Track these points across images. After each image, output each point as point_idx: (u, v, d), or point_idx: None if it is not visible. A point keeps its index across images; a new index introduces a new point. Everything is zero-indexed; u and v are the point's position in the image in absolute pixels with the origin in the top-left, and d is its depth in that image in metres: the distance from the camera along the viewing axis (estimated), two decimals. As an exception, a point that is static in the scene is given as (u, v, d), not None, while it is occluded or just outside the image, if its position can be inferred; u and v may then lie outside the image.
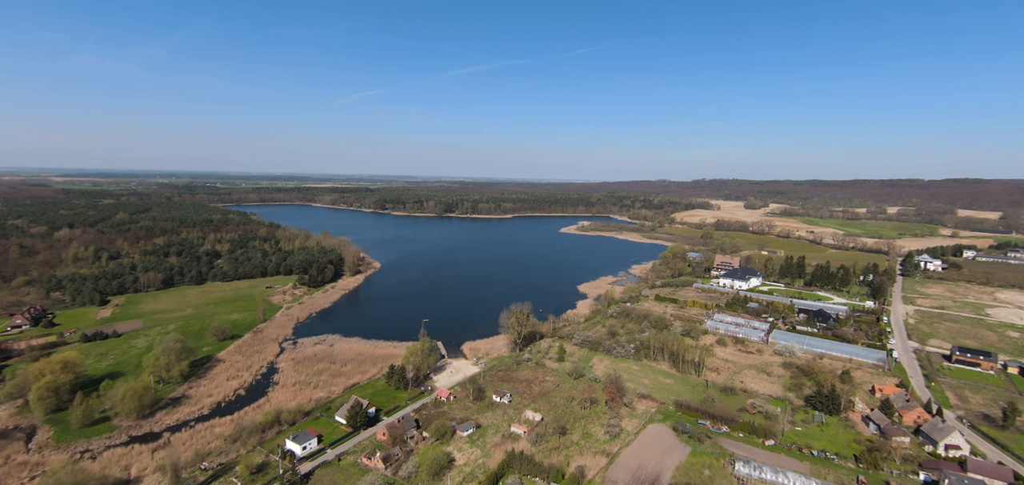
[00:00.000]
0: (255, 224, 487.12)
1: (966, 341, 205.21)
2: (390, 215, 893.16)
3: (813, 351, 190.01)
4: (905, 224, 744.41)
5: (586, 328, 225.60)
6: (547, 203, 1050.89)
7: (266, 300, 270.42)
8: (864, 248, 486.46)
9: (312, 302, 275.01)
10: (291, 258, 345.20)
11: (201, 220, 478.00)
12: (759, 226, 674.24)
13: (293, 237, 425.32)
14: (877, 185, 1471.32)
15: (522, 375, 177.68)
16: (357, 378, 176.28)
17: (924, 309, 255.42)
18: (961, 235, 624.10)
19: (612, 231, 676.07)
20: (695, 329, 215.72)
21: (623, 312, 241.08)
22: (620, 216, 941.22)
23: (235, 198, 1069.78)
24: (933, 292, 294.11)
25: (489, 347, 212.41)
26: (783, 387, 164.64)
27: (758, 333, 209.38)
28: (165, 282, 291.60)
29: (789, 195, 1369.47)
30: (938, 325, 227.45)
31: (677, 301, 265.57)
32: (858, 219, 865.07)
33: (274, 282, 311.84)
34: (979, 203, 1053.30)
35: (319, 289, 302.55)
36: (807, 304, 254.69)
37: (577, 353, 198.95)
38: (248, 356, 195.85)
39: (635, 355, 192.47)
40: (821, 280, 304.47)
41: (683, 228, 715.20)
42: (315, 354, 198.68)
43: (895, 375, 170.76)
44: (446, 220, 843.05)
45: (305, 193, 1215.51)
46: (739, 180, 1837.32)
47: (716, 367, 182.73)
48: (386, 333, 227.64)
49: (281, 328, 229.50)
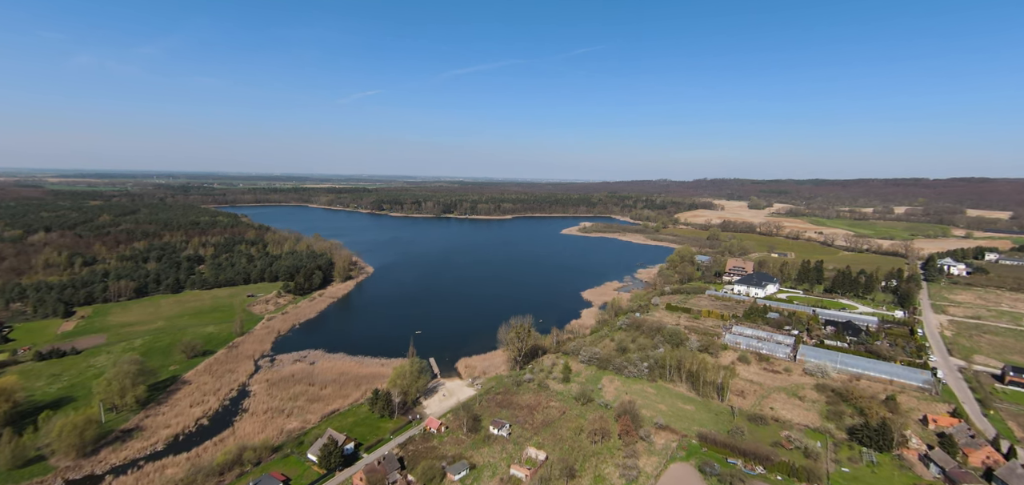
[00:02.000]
0: (244, 227, 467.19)
1: (1014, 358, 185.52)
2: (387, 216, 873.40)
3: (848, 371, 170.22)
4: (916, 225, 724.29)
5: (593, 342, 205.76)
6: (547, 203, 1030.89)
7: (246, 310, 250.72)
8: (879, 251, 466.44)
9: (296, 312, 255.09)
10: (278, 263, 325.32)
11: (187, 223, 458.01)
12: (766, 227, 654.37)
13: (282, 240, 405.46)
14: (881, 184, 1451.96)
15: (523, 399, 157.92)
16: (337, 404, 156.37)
17: (958, 319, 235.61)
18: (975, 236, 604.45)
19: (615, 232, 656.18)
20: (713, 344, 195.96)
21: (633, 324, 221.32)
22: (622, 217, 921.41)
23: (230, 199, 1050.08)
24: (963, 299, 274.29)
25: (486, 364, 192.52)
26: (820, 415, 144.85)
27: (783, 349, 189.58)
28: (138, 291, 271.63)
29: (792, 195, 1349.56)
30: (979, 339, 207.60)
31: (690, 310, 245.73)
32: (866, 219, 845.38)
33: (257, 290, 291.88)
34: (987, 202, 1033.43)
35: (305, 297, 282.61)
36: (833, 314, 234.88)
37: (584, 372, 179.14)
38: (218, 377, 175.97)
39: (648, 375, 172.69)
40: (843, 286, 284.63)
41: (687, 229, 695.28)
42: (293, 374, 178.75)
43: (944, 400, 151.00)
44: (444, 221, 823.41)
45: (302, 194, 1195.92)
46: (741, 179, 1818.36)
47: (740, 389, 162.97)
48: (374, 347, 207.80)
49: (259, 343, 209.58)
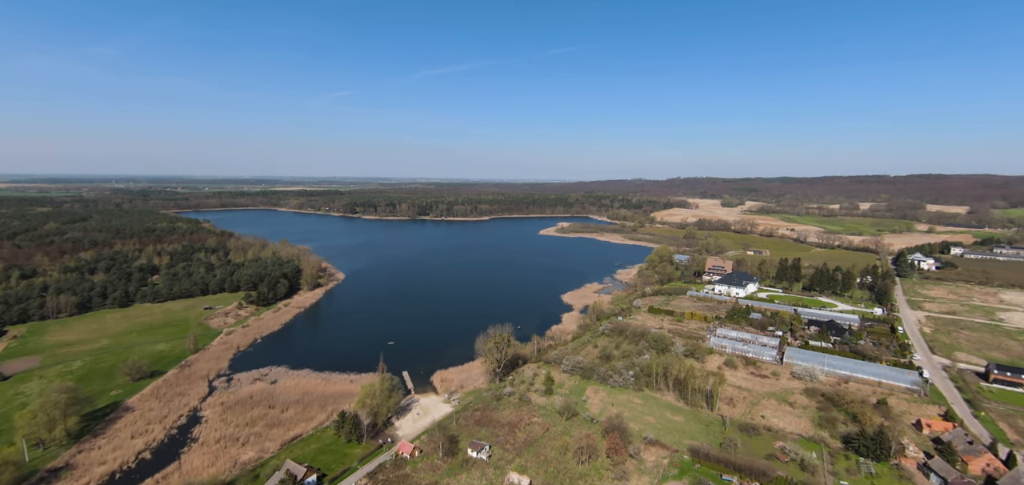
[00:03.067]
0: (205, 233, 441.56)
1: (993, 354, 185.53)
2: (360, 219, 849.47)
3: (836, 373, 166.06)
4: (882, 220, 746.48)
5: (575, 349, 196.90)
6: (525, 204, 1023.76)
7: (202, 325, 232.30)
8: (851, 247, 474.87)
9: (259, 325, 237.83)
10: (240, 272, 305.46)
11: (142, 229, 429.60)
12: (741, 225, 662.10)
13: (246, 247, 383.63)
14: (846, 181, 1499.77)
15: (503, 416, 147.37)
16: (299, 429, 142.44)
17: (935, 315, 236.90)
18: (938, 230, 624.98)
19: (593, 232, 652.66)
20: (699, 348, 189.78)
21: (616, 329, 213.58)
22: (599, 216, 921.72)
23: (194, 203, 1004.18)
24: (936, 294, 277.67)
25: (464, 377, 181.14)
26: (812, 423, 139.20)
27: (769, 351, 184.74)
28: (81, 306, 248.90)
29: (762, 192, 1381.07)
30: (957, 335, 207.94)
31: (673, 313, 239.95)
32: (834, 216, 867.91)
33: (217, 301, 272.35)
34: (945, 198, 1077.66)
35: (269, 308, 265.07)
36: (814, 314, 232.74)
37: (567, 382, 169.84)
38: (166, 401, 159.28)
39: (635, 384, 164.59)
40: (821, 284, 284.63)
41: (664, 228, 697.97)
42: (252, 395, 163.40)
43: (934, 401, 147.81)
44: (420, 223, 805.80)
45: (271, 197, 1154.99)
46: (713, 178, 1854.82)
47: (729, 396, 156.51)
48: (343, 362, 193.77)
49: (215, 361, 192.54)
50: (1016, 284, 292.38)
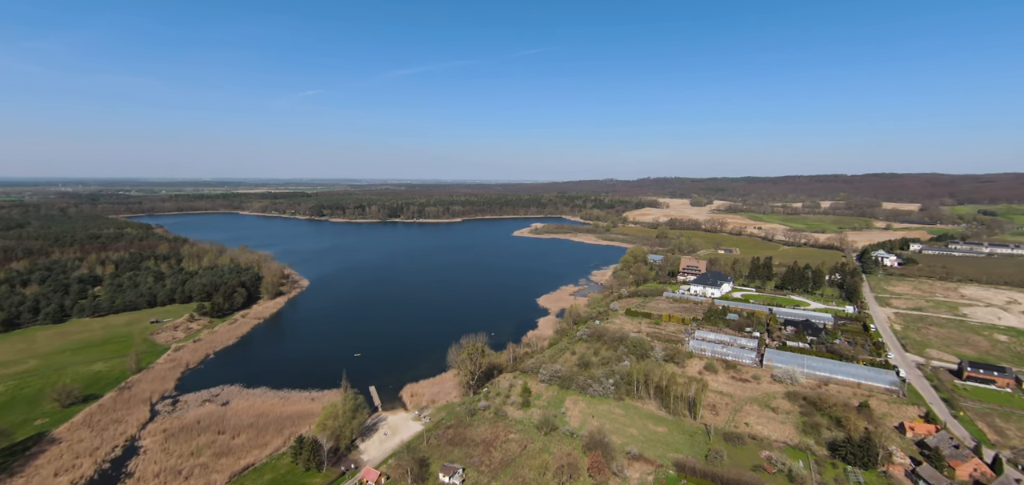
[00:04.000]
0: (156, 239, 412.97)
1: (963, 350, 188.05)
2: (328, 222, 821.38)
3: (816, 375, 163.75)
4: (842, 218, 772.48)
5: (552, 357, 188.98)
6: (498, 205, 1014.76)
7: (148, 340, 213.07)
8: (817, 244, 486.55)
9: (212, 339, 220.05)
10: (193, 281, 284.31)
11: (85, 236, 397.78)
12: (711, 224, 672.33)
13: (202, 253, 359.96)
14: (807, 180, 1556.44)
15: (478, 433, 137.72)
16: (252, 457, 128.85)
17: (903, 312, 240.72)
18: (895, 227, 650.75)
19: (566, 233, 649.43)
20: (678, 352, 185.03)
21: (593, 333, 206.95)
22: (572, 217, 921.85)
23: (148, 207, 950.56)
24: (901, 291, 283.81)
25: (436, 391, 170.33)
26: (796, 429, 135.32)
27: (749, 353, 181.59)
28: (8, 322, 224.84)
29: (729, 191, 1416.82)
30: (927, 332, 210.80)
31: (651, 315, 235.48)
32: (798, 214, 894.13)
33: (166, 313, 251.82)
34: (898, 196, 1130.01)
35: (225, 319, 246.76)
36: (789, 313, 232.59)
37: (545, 393, 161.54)
38: (99, 430, 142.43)
39: (615, 393, 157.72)
40: (792, 282, 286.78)
41: (637, 228, 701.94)
42: (199, 420, 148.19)
43: (913, 402, 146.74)
44: (390, 226, 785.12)
45: (232, 200, 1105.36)
46: (682, 178, 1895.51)
47: (711, 403, 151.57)
48: (305, 377, 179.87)
49: (160, 381, 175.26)
50: (974, 279, 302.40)
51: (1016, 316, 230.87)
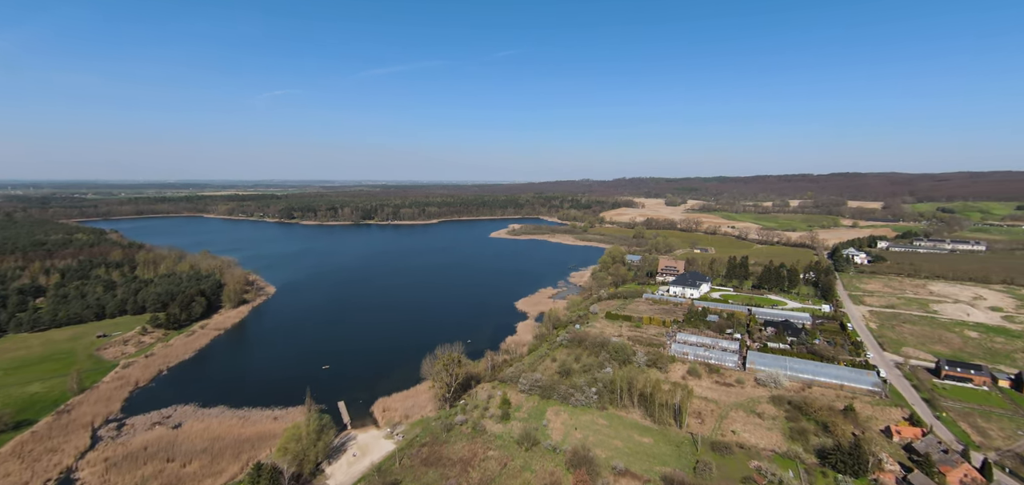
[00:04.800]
0: (109, 245, 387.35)
1: (937, 348, 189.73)
2: (298, 225, 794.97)
3: (799, 378, 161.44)
4: (811, 216, 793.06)
5: (532, 364, 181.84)
6: (474, 206, 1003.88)
7: (93, 356, 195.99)
8: (789, 243, 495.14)
9: (166, 353, 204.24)
10: (147, 290, 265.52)
11: (29, 243, 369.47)
12: (686, 223, 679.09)
13: (159, 259, 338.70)
14: (776, 180, 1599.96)
15: (455, 450, 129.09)
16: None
17: (877, 310, 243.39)
18: (861, 225, 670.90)
19: (544, 234, 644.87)
20: (661, 356, 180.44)
21: (574, 339, 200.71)
22: (550, 217, 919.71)
23: (104, 211, 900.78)
24: (872, 288, 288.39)
25: (409, 405, 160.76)
26: (783, 436, 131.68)
27: (731, 356, 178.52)
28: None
29: (702, 191, 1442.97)
30: (901, 330, 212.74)
31: (631, 318, 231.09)
32: (768, 213, 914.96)
33: (116, 326, 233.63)
34: (862, 194, 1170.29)
35: (182, 331, 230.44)
36: (768, 313, 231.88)
37: (525, 404, 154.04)
38: (31, 461, 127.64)
39: (598, 402, 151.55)
40: (769, 281, 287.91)
41: (614, 228, 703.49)
42: (147, 446, 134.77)
43: (896, 403, 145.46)
44: (364, 228, 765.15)
45: (197, 202, 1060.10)
46: (656, 178, 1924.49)
47: (697, 410, 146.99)
48: (268, 393, 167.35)
49: (104, 402, 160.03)
50: (941, 275, 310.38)
51: (983, 312, 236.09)
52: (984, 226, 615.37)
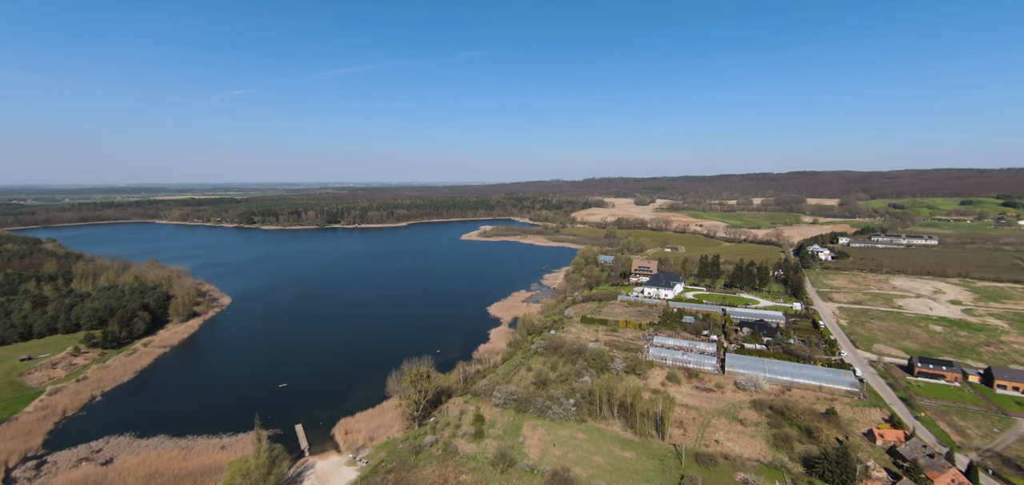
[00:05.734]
0: (43, 255, 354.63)
1: (906, 344, 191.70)
2: (259, 230, 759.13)
3: (778, 380, 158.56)
4: (774, 214, 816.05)
5: (507, 375, 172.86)
6: (445, 207, 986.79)
7: (15, 382, 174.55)
8: (756, 241, 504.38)
9: (102, 376, 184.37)
10: (82, 306, 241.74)
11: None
12: (656, 222, 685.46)
13: (99, 270, 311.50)
14: (739, 178, 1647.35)
15: (424, 475, 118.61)
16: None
17: (845, 306, 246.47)
18: (821, 221, 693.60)
19: (516, 235, 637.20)
20: (639, 362, 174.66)
21: (549, 346, 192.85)
22: (521, 218, 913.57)
23: (43, 219, 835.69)
24: (839, 284, 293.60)
25: (375, 425, 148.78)
26: (767, 444, 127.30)
27: (709, 359, 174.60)
28: None
29: (669, 190, 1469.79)
30: (871, 326, 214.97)
31: (607, 322, 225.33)
32: (733, 211, 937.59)
33: (44, 347, 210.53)
34: (819, 192, 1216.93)
35: (121, 350, 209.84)
36: (743, 313, 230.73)
37: (500, 419, 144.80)
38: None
39: (576, 414, 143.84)
40: (740, 280, 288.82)
41: (586, 228, 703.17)
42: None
43: (875, 404, 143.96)
44: (329, 232, 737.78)
45: (147, 208, 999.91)
46: (625, 178, 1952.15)
47: (678, 418, 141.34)
48: (216, 419, 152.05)
49: (23, 437, 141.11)
50: (901, 270, 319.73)
51: (944, 306, 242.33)
52: (933, 220, 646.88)
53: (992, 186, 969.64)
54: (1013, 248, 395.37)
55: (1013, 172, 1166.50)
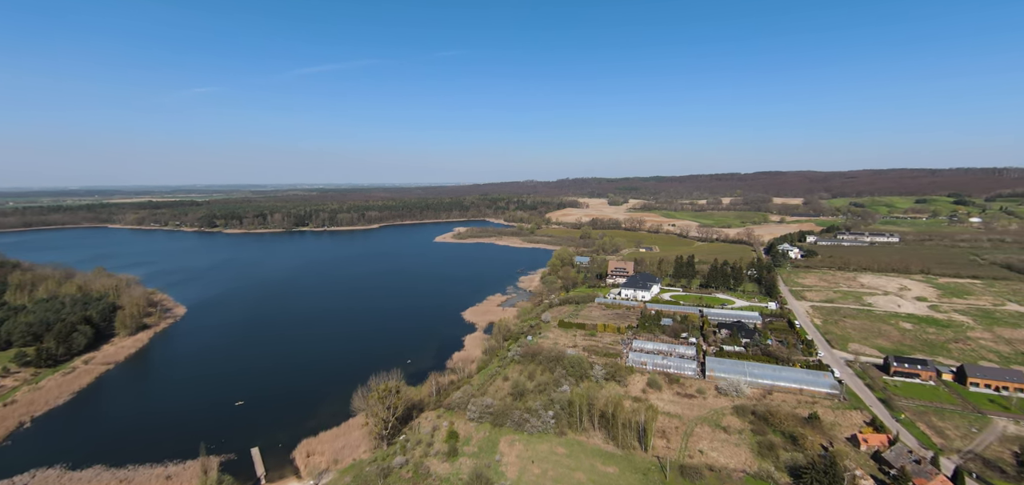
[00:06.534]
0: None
1: (879, 342, 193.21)
2: (221, 234, 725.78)
3: (759, 384, 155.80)
4: (743, 213, 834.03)
5: (482, 385, 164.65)
6: (418, 209, 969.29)
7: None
8: (728, 240, 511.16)
9: (33, 399, 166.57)
10: (15, 320, 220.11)
11: None
12: (630, 222, 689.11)
13: (38, 280, 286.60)
14: (708, 179, 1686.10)
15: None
16: None
17: (818, 305, 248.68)
18: (788, 220, 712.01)
19: (491, 237, 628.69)
20: (619, 368, 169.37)
21: (527, 353, 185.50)
22: (496, 219, 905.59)
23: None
24: (810, 282, 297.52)
25: (340, 445, 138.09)
26: (752, 453, 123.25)
27: (690, 363, 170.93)
28: None
29: (641, 190, 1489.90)
30: (844, 324, 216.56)
31: (585, 326, 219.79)
32: (704, 210, 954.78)
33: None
34: (784, 191, 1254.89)
35: (58, 369, 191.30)
36: (720, 314, 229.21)
37: (475, 435, 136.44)
38: None
39: (555, 426, 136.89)
40: (716, 280, 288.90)
41: (561, 229, 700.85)
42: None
43: (855, 406, 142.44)
44: (297, 235, 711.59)
45: (99, 211, 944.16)
46: (598, 178, 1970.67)
47: (661, 428, 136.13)
48: (162, 445, 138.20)
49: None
50: (867, 267, 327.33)
51: (911, 302, 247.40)
52: (892, 218, 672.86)
53: (944, 185, 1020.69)
54: (968, 245, 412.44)
55: (962, 172, 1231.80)
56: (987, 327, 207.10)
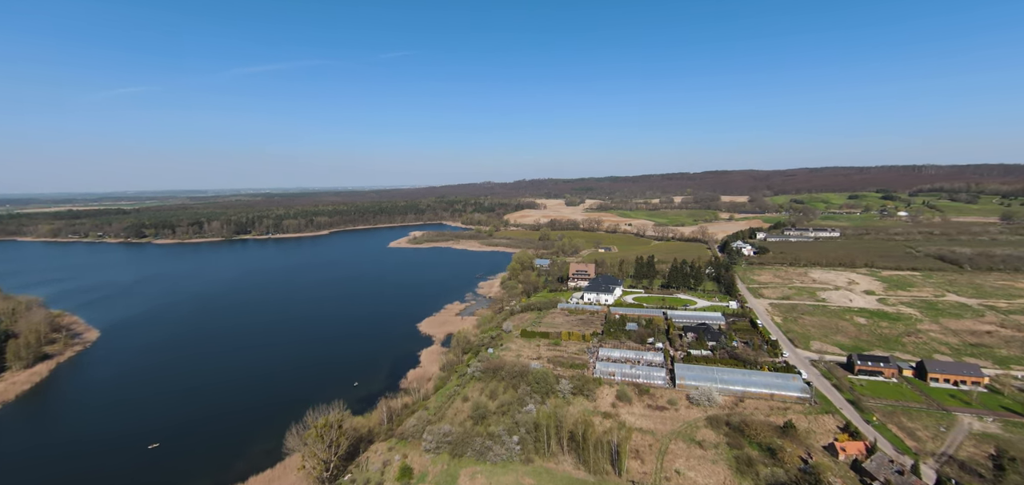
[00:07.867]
0: None
1: (838, 339, 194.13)
2: (151, 245, 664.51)
3: (730, 391, 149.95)
4: (695, 211, 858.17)
5: (440, 408, 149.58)
6: (371, 213, 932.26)
7: None
8: (684, 238, 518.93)
9: None
10: None
11: None
12: (588, 223, 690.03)
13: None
14: (659, 178, 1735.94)
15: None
16: None
17: (776, 302, 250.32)
18: (737, 218, 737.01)
19: (448, 240, 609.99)
20: (586, 381, 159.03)
21: (488, 368, 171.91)
22: (453, 222, 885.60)
23: None
24: (765, 280, 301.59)
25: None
26: (730, 469, 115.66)
27: (658, 371, 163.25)
28: None
29: (597, 191, 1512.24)
30: (803, 321, 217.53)
31: (548, 334, 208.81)
32: (657, 209, 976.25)
33: None
34: (730, 190, 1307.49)
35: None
36: (684, 316, 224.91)
37: (432, 468, 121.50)
38: None
39: (521, 453, 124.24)
40: (677, 280, 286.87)
41: (519, 231, 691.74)
42: None
43: (826, 410, 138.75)
44: (238, 244, 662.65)
45: (7, 223, 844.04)
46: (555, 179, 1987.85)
47: (634, 447, 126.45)
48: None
49: None
50: (816, 262, 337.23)
51: (861, 297, 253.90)
52: (829, 214, 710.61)
53: (872, 181, 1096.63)
54: (903, 238, 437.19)
55: (887, 169, 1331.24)
56: (933, 319, 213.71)
